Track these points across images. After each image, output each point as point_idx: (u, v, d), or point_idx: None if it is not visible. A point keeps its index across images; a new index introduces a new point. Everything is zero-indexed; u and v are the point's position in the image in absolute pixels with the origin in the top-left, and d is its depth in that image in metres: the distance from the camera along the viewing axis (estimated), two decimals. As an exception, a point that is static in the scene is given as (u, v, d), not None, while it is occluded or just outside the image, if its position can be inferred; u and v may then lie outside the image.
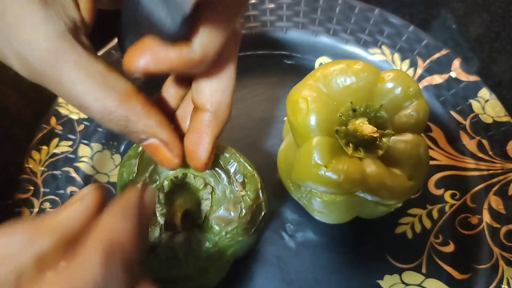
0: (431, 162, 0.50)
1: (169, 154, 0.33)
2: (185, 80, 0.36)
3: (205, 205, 0.39)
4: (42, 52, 0.26)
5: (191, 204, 0.38)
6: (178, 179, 0.39)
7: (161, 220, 0.38)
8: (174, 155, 0.33)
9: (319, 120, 0.38)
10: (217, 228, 0.38)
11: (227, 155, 0.39)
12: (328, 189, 0.38)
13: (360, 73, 0.39)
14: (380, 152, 0.39)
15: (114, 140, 0.50)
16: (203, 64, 0.29)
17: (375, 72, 0.40)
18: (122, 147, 0.50)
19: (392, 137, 0.39)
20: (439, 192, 0.49)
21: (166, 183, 0.39)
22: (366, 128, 0.38)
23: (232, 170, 0.39)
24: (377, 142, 0.39)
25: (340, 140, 0.39)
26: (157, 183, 0.40)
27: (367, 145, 0.39)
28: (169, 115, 0.36)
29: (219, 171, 0.39)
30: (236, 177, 0.39)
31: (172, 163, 0.33)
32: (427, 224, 0.48)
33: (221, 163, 0.39)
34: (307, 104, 0.38)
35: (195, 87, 0.33)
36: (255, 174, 0.40)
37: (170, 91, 0.37)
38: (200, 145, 0.33)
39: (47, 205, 0.46)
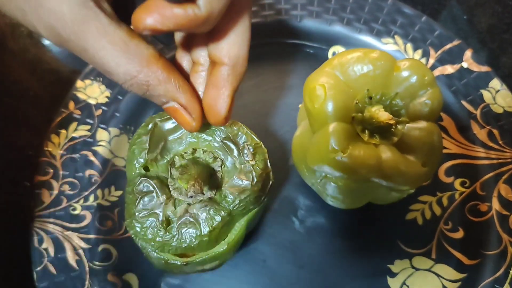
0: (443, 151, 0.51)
1: (188, 117, 0.34)
2: (197, 43, 0.37)
3: (216, 178, 0.40)
4: (66, 21, 0.27)
5: (203, 177, 0.39)
6: (188, 154, 0.40)
7: (174, 194, 0.39)
8: (193, 118, 0.34)
9: (336, 106, 0.39)
10: (231, 197, 0.39)
11: (235, 128, 0.40)
12: (344, 174, 0.39)
13: (376, 61, 0.40)
14: (395, 139, 0.40)
15: (131, 125, 0.51)
16: (209, 22, 0.29)
17: (391, 61, 0.40)
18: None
19: (407, 125, 0.40)
20: (449, 180, 0.50)
21: (177, 158, 0.40)
22: (382, 115, 0.38)
23: (241, 142, 0.40)
24: (392, 129, 0.40)
25: (356, 127, 0.40)
26: (168, 159, 0.41)
27: (382, 132, 0.40)
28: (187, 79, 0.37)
29: (229, 143, 0.40)
30: (246, 147, 0.40)
31: (191, 126, 0.35)
32: (437, 211, 0.49)
33: (230, 136, 0.40)
34: (325, 91, 0.39)
35: (211, 42, 0.33)
36: (262, 145, 0.41)
37: (184, 57, 0.38)
38: (219, 98, 0.34)
39: (66, 187, 0.47)
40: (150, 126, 0.40)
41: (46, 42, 0.59)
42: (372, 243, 0.47)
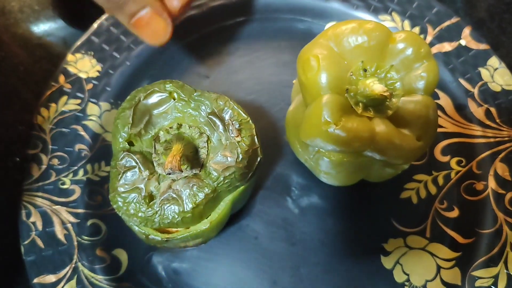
0: (438, 130, 0.50)
1: (163, 22, 0.37)
2: None
3: (202, 153, 0.39)
4: None
5: (188, 152, 0.38)
6: (173, 129, 0.39)
7: (158, 170, 0.38)
8: (168, 22, 0.37)
9: (329, 78, 0.38)
10: (215, 173, 0.38)
11: (220, 102, 0.39)
12: (337, 147, 0.38)
13: (371, 32, 0.39)
14: (390, 112, 0.39)
15: (122, 99, 0.50)
16: None
17: (386, 32, 0.39)
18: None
19: (402, 98, 0.39)
20: (445, 159, 0.49)
21: (162, 133, 0.39)
22: (376, 87, 0.37)
23: (226, 117, 0.39)
24: (387, 102, 0.39)
25: (350, 99, 0.39)
26: (152, 133, 0.40)
27: (376, 105, 0.39)
28: None
29: (214, 118, 0.39)
30: (231, 123, 0.39)
31: (166, 31, 0.38)
32: (432, 190, 0.48)
33: (216, 110, 0.39)
34: (318, 62, 0.38)
35: None
36: (249, 121, 0.40)
37: None
38: None
39: (55, 161, 0.46)
40: (135, 99, 0.39)
41: (37, 17, 0.58)
42: (366, 221, 0.47)
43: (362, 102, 0.39)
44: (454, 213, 0.47)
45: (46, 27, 0.57)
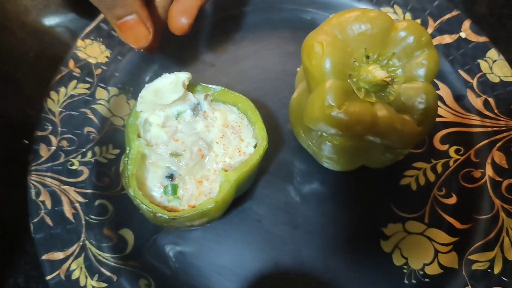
0: (438, 119, 0.51)
1: (146, 30, 0.42)
2: None
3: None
4: None
5: None
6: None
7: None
8: (150, 30, 0.42)
9: (333, 64, 0.39)
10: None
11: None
12: (339, 130, 0.40)
13: (374, 20, 0.40)
14: (391, 97, 0.40)
15: (130, 85, 0.51)
16: None
17: (389, 21, 0.41)
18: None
19: (403, 84, 0.40)
20: (444, 147, 0.50)
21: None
22: (378, 73, 0.39)
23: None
24: (388, 88, 0.40)
25: (353, 85, 0.40)
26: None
27: (378, 90, 0.40)
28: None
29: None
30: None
31: (147, 38, 0.42)
32: (431, 177, 0.49)
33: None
34: (323, 48, 0.39)
35: None
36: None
37: None
38: (188, 11, 0.43)
39: (64, 143, 0.47)
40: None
41: (47, 4, 0.59)
42: (366, 206, 0.48)
43: (365, 88, 0.40)
44: (452, 200, 0.48)
45: (55, 15, 0.58)
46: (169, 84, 0.40)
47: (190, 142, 0.42)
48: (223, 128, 0.43)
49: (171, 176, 0.41)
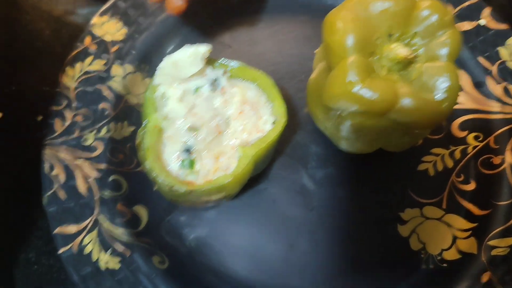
0: (456, 106, 0.50)
1: None
2: None
3: None
4: None
5: None
6: None
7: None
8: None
9: (355, 40, 0.39)
10: None
11: None
12: (361, 107, 0.39)
13: (398, -3, 0.40)
14: (413, 76, 0.40)
15: (146, 63, 0.51)
16: None
17: (412, -1, 0.40)
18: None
19: (426, 64, 0.40)
20: (462, 134, 0.50)
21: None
22: (402, 51, 0.38)
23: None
24: (411, 67, 0.40)
25: (375, 63, 0.40)
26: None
27: (400, 69, 0.40)
28: None
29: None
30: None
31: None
32: (449, 163, 0.48)
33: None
34: (345, 24, 0.39)
35: None
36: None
37: None
38: None
39: (79, 118, 0.47)
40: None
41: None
42: (383, 191, 0.47)
43: (387, 66, 0.40)
44: (471, 186, 0.47)
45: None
46: (188, 57, 0.40)
47: (208, 117, 0.41)
48: (241, 104, 0.42)
49: (188, 151, 0.40)
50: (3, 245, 0.44)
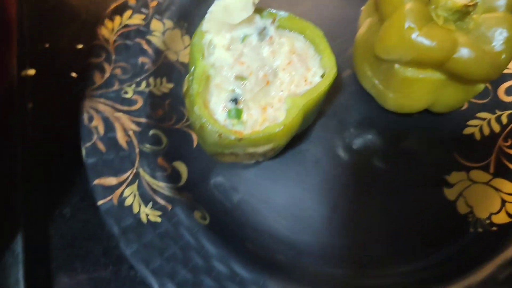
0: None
1: None
2: None
3: None
4: None
5: None
6: None
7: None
8: None
9: (412, -13, 0.38)
10: None
11: None
12: (418, 56, 0.38)
13: None
14: (471, 26, 0.38)
15: (185, 20, 0.50)
16: None
17: None
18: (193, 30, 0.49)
19: (484, 15, 0.38)
20: (509, 99, 0.48)
21: None
22: (459, -1, 0.37)
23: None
24: (468, 17, 0.39)
25: (432, 11, 0.39)
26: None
27: (458, 19, 0.38)
28: None
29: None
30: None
31: None
32: (496, 128, 0.47)
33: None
34: (401, -29, 0.38)
35: None
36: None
37: None
38: None
39: (118, 71, 0.46)
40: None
41: None
42: (428, 153, 0.46)
43: (443, 16, 0.38)
44: (519, 151, 0.46)
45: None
46: (239, 1, 0.39)
47: (256, 66, 0.40)
48: (289, 55, 0.41)
49: (235, 100, 0.39)
50: (39, 200, 0.43)
